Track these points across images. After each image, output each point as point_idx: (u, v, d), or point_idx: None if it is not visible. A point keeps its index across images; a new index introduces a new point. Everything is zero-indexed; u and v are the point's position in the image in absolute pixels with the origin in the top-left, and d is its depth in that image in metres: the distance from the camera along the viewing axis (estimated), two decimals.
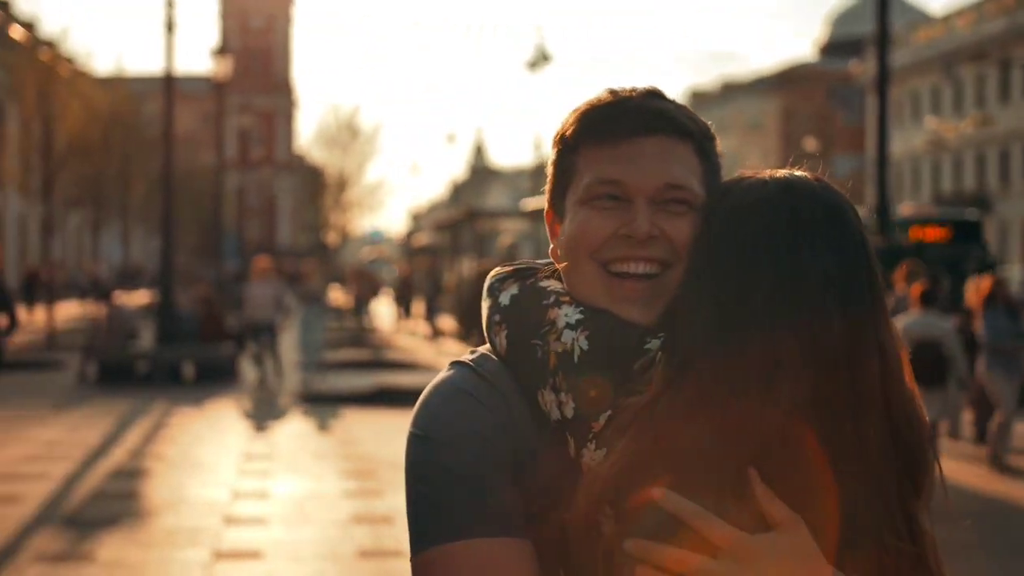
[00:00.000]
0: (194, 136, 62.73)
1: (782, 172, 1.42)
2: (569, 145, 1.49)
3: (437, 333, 28.39)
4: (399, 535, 8.03)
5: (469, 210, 32.98)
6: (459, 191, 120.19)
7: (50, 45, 33.82)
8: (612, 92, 1.50)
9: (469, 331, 18.52)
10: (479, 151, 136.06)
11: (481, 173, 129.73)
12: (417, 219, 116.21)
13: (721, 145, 1.56)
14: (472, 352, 1.50)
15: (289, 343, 20.14)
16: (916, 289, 10.36)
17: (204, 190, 49.90)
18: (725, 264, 1.36)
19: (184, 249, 53.32)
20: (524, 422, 1.41)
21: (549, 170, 1.53)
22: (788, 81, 69.83)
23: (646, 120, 1.45)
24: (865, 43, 51.76)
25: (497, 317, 1.46)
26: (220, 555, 7.43)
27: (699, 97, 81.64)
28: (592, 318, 1.40)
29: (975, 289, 11.71)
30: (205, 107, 64.73)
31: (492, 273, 1.54)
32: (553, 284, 1.47)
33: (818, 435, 1.29)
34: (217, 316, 19.19)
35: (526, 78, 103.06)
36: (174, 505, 8.90)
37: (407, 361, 21.96)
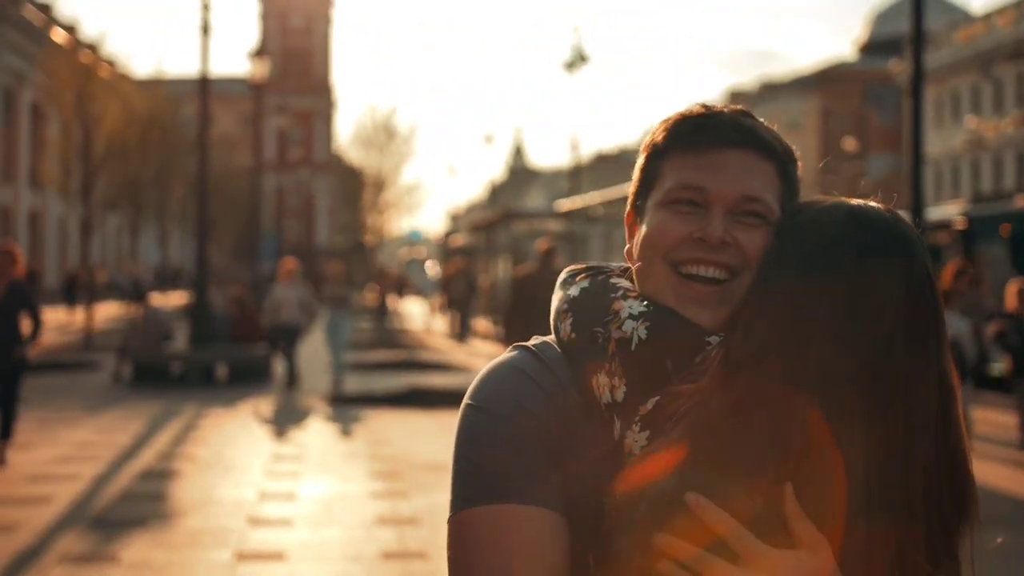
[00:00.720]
0: (233, 137, 63.23)
1: (856, 200, 1.47)
2: (658, 151, 1.56)
3: (469, 334, 28.39)
4: (424, 536, 8.03)
5: (504, 211, 33.03)
6: (497, 192, 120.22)
7: (90, 48, 34.22)
8: (704, 106, 1.58)
9: (509, 335, 18.45)
10: (518, 151, 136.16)
11: (519, 174, 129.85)
12: (456, 220, 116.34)
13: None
14: (538, 340, 1.57)
15: (313, 346, 20.22)
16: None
17: (242, 191, 50.28)
18: (793, 276, 1.40)
19: (222, 250, 53.76)
20: (575, 409, 1.47)
21: (635, 174, 1.60)
22: (827, 81, 69.30)
23: (733, 133, 1.52)
24: (905, 42, 51.23)
25: (565, 306, 1.53)
26: (243, 556, 7.46)
27: (737, 97, 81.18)
28: (655, 311, 1.47)
29: (1014, 293, 11.39)
30: (244, 108, 65.25)
31: (567, 269, 1.63)
32: (623, 282, 1.54)
33: (864, 460, 1.31)
34: (251, 317, 19.30)
35: (564, 79, 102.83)
36: (201, 506, 8.95)
37: (440, 362, 22.00)
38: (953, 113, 53.37)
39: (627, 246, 1.59)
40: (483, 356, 23.48)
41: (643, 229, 1.54)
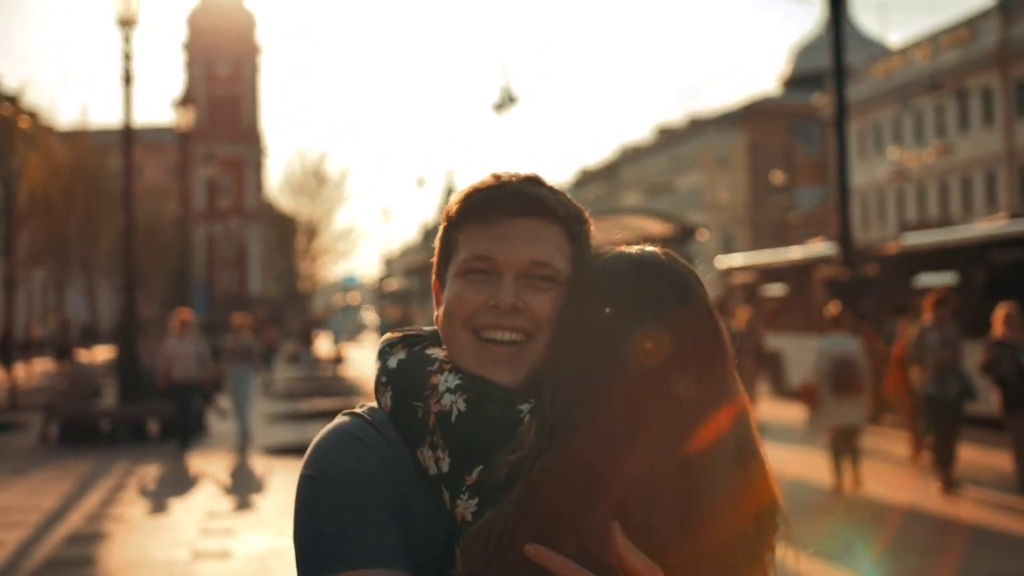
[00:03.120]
0: (161, 187, 62.50)
1: (635, 248, 1.58)
2: (452, 223, 1.67)
3: None
4: None
5: None
6: (430, 235, 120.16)
7: (10, 100, 33.61)
8: (495, 176, 1.67)
9: None
10: (449, 192, 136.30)
11: None
12: (390, 264, 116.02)
13: (688, 181, 1.72)
14: (362, 405, 1.63)
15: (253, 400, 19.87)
16: (830, 312, 11.90)
17: (172, 241, 49.63)
18: (582, 333, 1.50)
19: (152, 302, 52.91)
20: (407, 469, 1.53)
21: (436, 244, 1.70)
22: (753, 115, 70.38)
23: (519, 203, 1.61)
24: (827, 76, 52.24)
25: (384, 379, 1.60)
26: None
27: (667, 133, 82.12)
28: (470, 384, 1.53)
29: (1001, 319, 10.54)
30: (171, 157, 64.54)
31: (383, 338, 1.69)
32: (438, 352, 1.61)
33: (679, 483, 1.42)
34: None
35: (494, 119, 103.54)
36: (132, 569, 8.66)
37: None
38: (876, 145, 54.42)
39: (435, 312, 1.67)
40: None
41: (444, 298, 1.63)
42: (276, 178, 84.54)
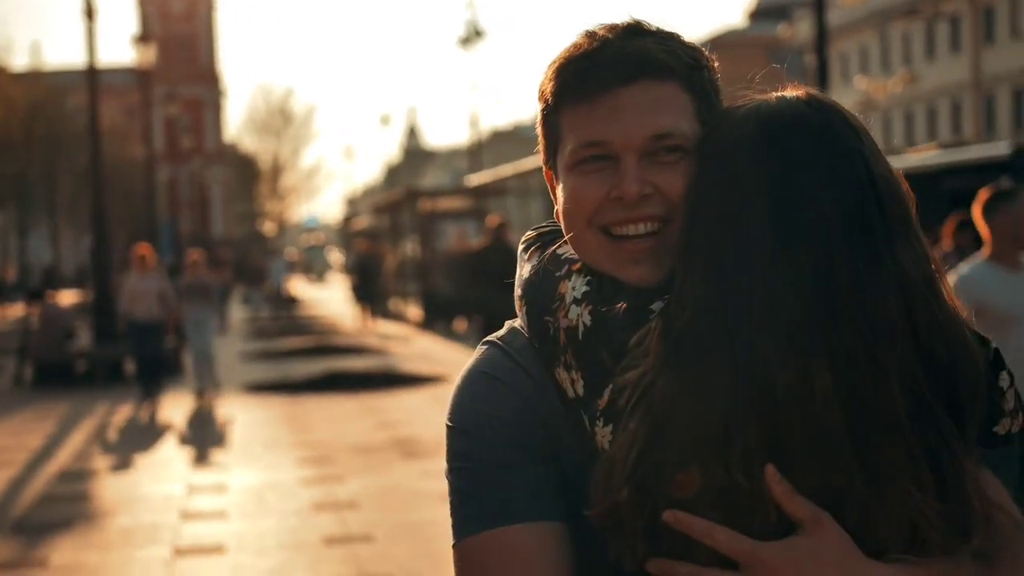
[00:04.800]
0: (120, 129, 61.48)
1: (773, 98, 1.33)
2: (551, 106, 1.43)
3: (376, 317, 27.89)
4: (366, 519, 7.80)
5: (409, 190, 32.47)
6: (394, 174, 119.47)
7: None
8: (588, 35, 1.42)
9: (468, 307, 18.03)
10: (412, 132, 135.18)
11: (416, 155, 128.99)
12: (353, 204, 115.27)
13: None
14: (506, 327, 1.46)
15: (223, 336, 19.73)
16: None
17: (134, 184, 48.96)
18: (715, 222, 1.27)
19: (118, 245, 52.34)
20: (552, 400, 1.36)
21: (539, 132, 1.47)
22: (720, 47, 70.04)
23: (623, 68, 1.36)
24: (793, 6, 52.03)
25: (519, 292, 1.43)
26: (181, 551, 7.14)
27: None
28: (597, 291, 1.35)
29: (950, 231, 10.05)
30: (129, 99, 63.48)
31: (524, 237, 1.51)
32: (570, 250, 1.42)
33: (835, 387, 1.20)
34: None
35: (460, 55, 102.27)
36: (128, 504, 8.57)
37: (355, 345, 21.66)
38: (843, 76, 54.44)
39: (556, 207, 1.46)
40: (396, 338, 23.21)
41: (559, 197, 1.42)
42: (238, 117, 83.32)
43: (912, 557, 1.23)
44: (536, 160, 1.52)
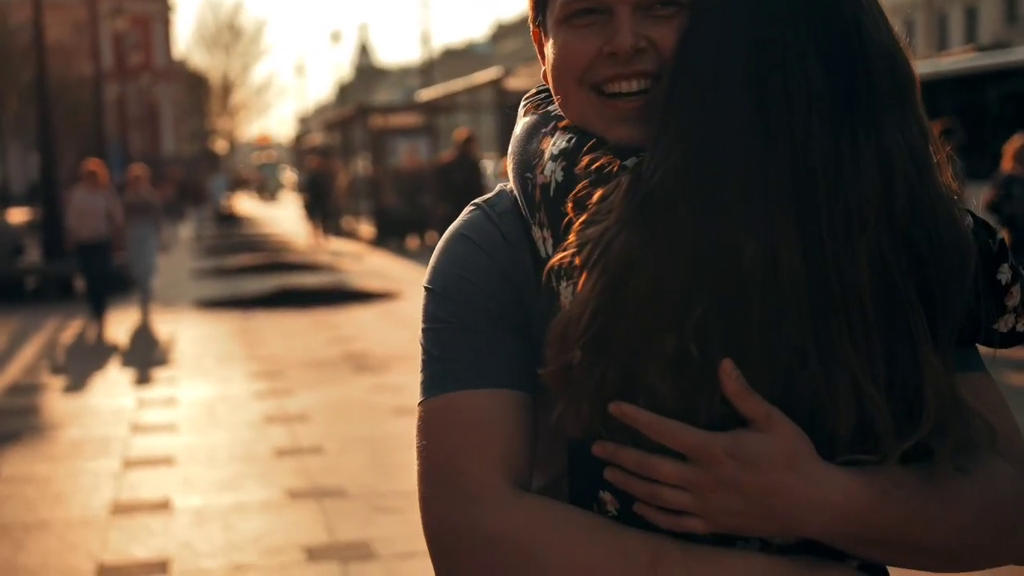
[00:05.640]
0: (66, 46, 60.08)
1: None
2: None
3: (328, 234, 27.78)
4: (317, 431, 7.88)
5: (360, 106, 32.14)
6: (345, 92, 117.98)
7: None
8: None
9: (435, 220, 17.91)
10: (364, 50, 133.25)
11: (367, 72, 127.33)
12: (305, 122, 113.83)
13: None
14: (496, 188, 1.43)
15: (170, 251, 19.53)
16: None
17: (82, 102, 48.03)
18: (695, 84, 1.20)
19: (67, 164, 51.47)
20: (527, 265, 1.33)
21: None
22: None
23: None
24: None
25: (510, 148, 1.39)
26: (131, 463, 7.20)
27: None
28: (575, 147, 1.29)
29: (1012, 152, 9.42)
30: (76, 14, 61.96)
31: (524, 96, 1.46)
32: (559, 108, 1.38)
33: (800, 262, 1.14)
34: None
35: None
36: (78, 418, 8.60)
37: (307, 262, 21.60)
38: None
39: (543, 68, 1.40)
40: (348, 255, 23.15)
41: (548, 53, 1.35)
42: (187, 33, 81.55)
43: (862, 456, 1.18)
44: (486, 76, 1.50)
